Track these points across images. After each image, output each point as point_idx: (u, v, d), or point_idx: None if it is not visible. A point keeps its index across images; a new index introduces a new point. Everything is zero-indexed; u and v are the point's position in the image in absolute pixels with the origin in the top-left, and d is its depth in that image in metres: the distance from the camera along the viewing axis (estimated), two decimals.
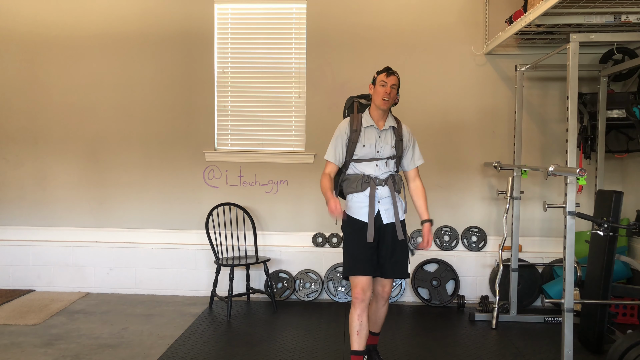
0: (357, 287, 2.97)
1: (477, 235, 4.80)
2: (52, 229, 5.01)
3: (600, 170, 4.35)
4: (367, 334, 3.01)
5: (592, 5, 3.41)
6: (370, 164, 3.11)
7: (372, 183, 3.07)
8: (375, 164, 3.11)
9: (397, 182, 3.14)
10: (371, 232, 3.02)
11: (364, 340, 2.97)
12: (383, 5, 4.78)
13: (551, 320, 4.20)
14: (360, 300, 2.96)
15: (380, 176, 3.10)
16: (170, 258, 4.89)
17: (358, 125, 3.13)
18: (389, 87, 3.06)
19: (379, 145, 3.11)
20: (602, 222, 3.39)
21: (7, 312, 4.34)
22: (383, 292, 3.14)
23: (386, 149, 3.11)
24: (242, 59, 4.92)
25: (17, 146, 5.03)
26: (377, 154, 3.11)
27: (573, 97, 3.15)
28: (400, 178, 3.19)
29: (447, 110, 4.78)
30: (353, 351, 2.97)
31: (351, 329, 2.98)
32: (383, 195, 3.08)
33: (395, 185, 3.12)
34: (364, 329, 2.97)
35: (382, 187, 3.08)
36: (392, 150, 3.12)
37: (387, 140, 3.13)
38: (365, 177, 3.08)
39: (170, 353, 3.54)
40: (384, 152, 3.11)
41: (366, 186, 3.07)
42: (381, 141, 3.12)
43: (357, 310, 2.97)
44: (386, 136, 3.13)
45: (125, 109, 4.96)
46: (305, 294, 4.75)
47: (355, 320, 2.96)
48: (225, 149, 4.96)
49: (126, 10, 4.91)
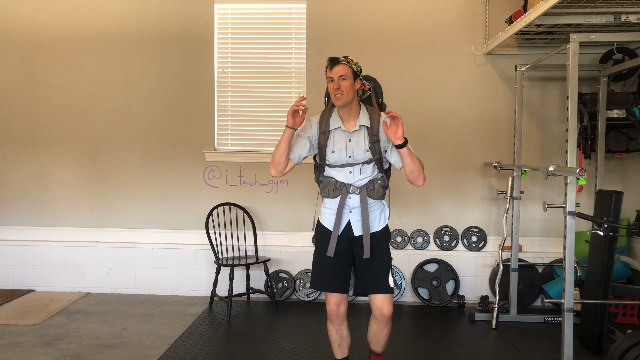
0: (330, 303, 2.78)
1: (477, 235, 4.80)
2: (52, 229, 5.01)
3: (600, 170, 4.35)
4: (349, 342, 2.90)
5: (592, 5, 3.41)
6: (343, 170, 2.74)
7: (344, 190, 2.73)
8: (348, 170, 2.74)
9: (375, 188, 2.74)
10: (332, 246, 2.72)
11: (346, 348, 2.89)
12: (383, 5, 4.78)
13: (551, 320, 4.19)
14: (335, 317, 2.80)
15: (355, 183, 2.74)
16: (170, 258, 4.89)
17: (326, 126, 2.76)
18: (337, 81, 2.64)
19: (350, 150, 2.71)
20: (602, 222, 3.39)
21: (7, 312, 4.34)
22: (381, 314, 2.74)
23: (359, 153, 2.71)
24: (242, 59, 4.92)
25: (17, 146, 5.03)
26: (350, 159, 2.72)
27: (573, 97, 3.14)
28: (383, 183, 2.79)
29: (447, 110, 4.78)
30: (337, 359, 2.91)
31: (332, 342, 2.88)
32: (354, 205, 2.73)
33: (374, 193, 2.74)
34: (345, 339, 2.87)
35: (354, 196, 2.73)
36: (366, 154, 2.72)
37: (360, 143, 2.72)
38: (338, 184, 2.74)
39: (170, 353, 3.54)
40: (357, 156, 2.71)
41: (337, 193, 2.74)
42: (352, 145, 2.71)
43: (334, 325, 2.83)
44: (358, 139, 2.72)
45: (125, 109, 4.96)
46: (305, 294, 4.75)
47: (334, 334, 2.85)
48: (225, 149, 4.96)
49: (126, 10, 4.91)
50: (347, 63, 2.68)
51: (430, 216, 4.82)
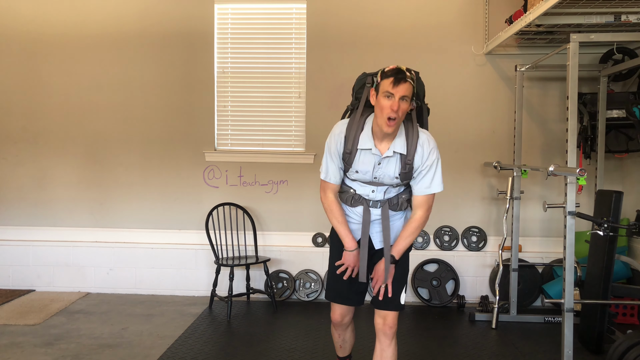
0: (335, 313, 2.64)
1: (477, 235, 4.80)
2: (52, 229, 5.01)
3: (600, 170, 4.35)
4: (353, 342, 2.84)
5: (592, 5, 3.41)
6: (365, 187, 2.49)
7: (364, 203, 2.49)
8: (371, 189, 2.49)
9: (400, 203, 2.51)
10: (363, 271, 2.44)
11: (348, 349, 2.85)
12: (383, 5, 4.78)
13: (551, 320, 4.20)
14: (339, 325, 2.69)
15: (375, 198, 2.50)
16: (170, 258, 4.89)
17: (354, 145, 2.38)
18: (396, 101, 2.22)
19: (377, 172, 2.42)
20: (602, 222, 3.39)
21: (7, 312, 4.34)
22: (384, 326, 2.49)
23: (386, 178, 2.43)
24: (242, 59, 4.92)
25: (17, 146, 5.03)
26: (375, 179, 2.45)
27: (573, 97, 3.14)
28: (407, 197, 2.54)
29: (447, 110, 4.77)
30: (339, 357, 2.91)
31: (335, 343, 2.84)
32: (375, 218, 2.51)
33: (397, 207, 2.51)
34: (348, 341, 2.81)
35: (374, 210, 2.50)
36: (394, 180, 2.43)
37: (389, 169, 2.40)
38: (357, 196, 2.51)
39: (170, 353, 3.54)
40: (384, 179, 2.44)
41: (357, 204, 2.52)
42: (381, 169, 2.41)
43: (337, 330, 2.74)
44: (388, 164, 2.40)
45: (125, 109, 4.96)
46: (305, 294, 4.75)
47: (337, 337, 2.79)
48: (225, 149, 4.96)
49: (126, 10, 4.91)
50: (412, 81, 2.27)
51: (430, 216, 4.80)
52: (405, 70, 2.27)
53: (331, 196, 2.52)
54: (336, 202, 2.53)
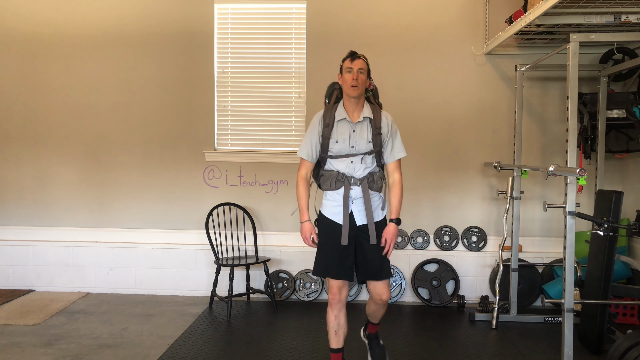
0: (333, 288, 2.93)
1: (477, 235, 4.80)
2: (52, 229, 5.01)
3: (600, 170, 4.35)
4: (345, 332, 3.01)
5: (592, 5, 3.41)
6: (345, 160, 2.91)
7: (346, 182, 2.91)
8: (350, 160, 2.91)
9: (375, 180, 2.94)
10: (345, 234, 2.88)
11: (342, 338, 2.99)
12: (383, 6, 4.78)
13: (551, 320, 4.20)
14: (337, 301, 2.93)
15: (355, 174, 2.92)
16: (170, 258, 4.89)
17: (331, 118, 2.94)
18: (355, 72, 2.86)
19: (353, 140, 2.90)
20: (602, 222, 3.39)
21: (7, 312, 4.34)
22: (380, 299, 2.95)
23: (362, 143, 2.90)
24: (242, 59, 4.92)
25: (17, 146, 5.03)
26: (352, 149, 2.90)
27: (573, 97, 3.15)
28: (381, 175, 3.00)
29: (447, 110, 4.78)
30: (332, 349, 3.01)
31: (329, 329, 2.99)
32: (356, 196, 2.91)
33: (374, 185, 2.93)
34: (342, 327, 2.98)
35: (356, 187, 2.91)
36: (368, 145, 2.91)
37: (363, 134, 2.91)
38: (340, 175, 2.92)
39: (170, 353, 3.54)
40: (360, 147, 2.90)
41: (340, 185, 2.91)
42: (356, 135, 2.91)
43: (334, 311, 2.95)
44: (361, 129, 2.92)
45: (125, 109, 4.96)
46: (305, 294, 4.75)
47: (333, 321, 2.96)
48: (225, 149, 4.96)
49: (126, 10, 4.91)
50: (365, 60, 2.92)
51: (430, 216, 4.82)
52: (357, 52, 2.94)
53: (302, 172, 2.99)
54: (305, 178, 2.99)
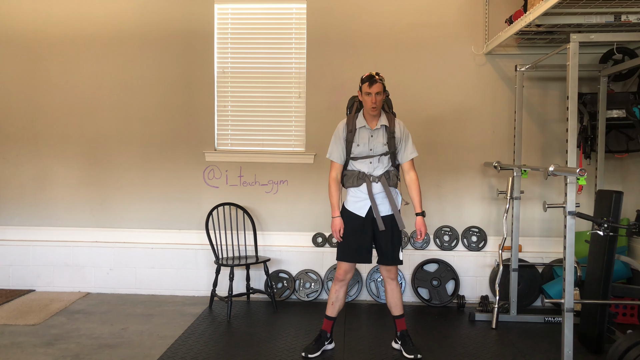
0: (340, 269, 3.49)
1: (477, 235, 4.80)
2: (52, 229, 5.01)
3: (600, 170, 4.35)
4: (342, 305, 3.56)
5: (592, 5, 3.41)
6: (365, 161, 3.42)
7: (367, 180, 3.40)
8: (369, 161, 3.42)
9: (391, 177, 3.44)
10: (380, 221, 3.38)
11: (337, 309, 3.55)
12: (383, 6, 4.78)
13: (551, 320, 4.20)
14: (340, 280, 3.51)
15: (374, 172, 3.41)
16: (170, 258, 4.89)
17: (353, 126, 3.44)
18: (373, 96, 3.31)
19: (371, 144, 3.41)
20: (602, 222, 3.39)
21: (7, 312, 4.34)
22: (389, 274, 3.51)
23: (378, 146, 3.41)
24: (242, 59, 4.92)
25: (17, 146, 5.03)
26: (371, 151, 3.41)
27: (573, 97, 3.15)
28: (396, 173, 3.48)
29: (447, 110, 4.78)
30: (327, 315, 3.57)
31: (329, 299, 3.57)
32: (376, 191, 3.41)
33: (389, 181, 3.43)
34: (339, 301, 3.54)
35: (375, 184, 3.40)
36: (384, 147, 3.41)
37: (379, 138, 3.42)
38: (361, 174, 3.41)
39: (170, 353, 3.54)
40: (377, 149, 3.41)
41: (361, 182, 3.41)
42: (373, 140, 3.42)
43: (336, 286, 3.53)
44: (378, 135, 3.43)
45: (125, 109, 4.96)
46: (305, 294, 4.75)
47: (333, 293, 3.54)
48: (225, 149, 4.96)
49: (126, 10, 4.91)
50: (381, 81, 3.34)
51: (430, 216, 4.82)
52: (375, 74, 3.36)
53: (333, 174, 3.50)
54: (335, 179, 3.49)
